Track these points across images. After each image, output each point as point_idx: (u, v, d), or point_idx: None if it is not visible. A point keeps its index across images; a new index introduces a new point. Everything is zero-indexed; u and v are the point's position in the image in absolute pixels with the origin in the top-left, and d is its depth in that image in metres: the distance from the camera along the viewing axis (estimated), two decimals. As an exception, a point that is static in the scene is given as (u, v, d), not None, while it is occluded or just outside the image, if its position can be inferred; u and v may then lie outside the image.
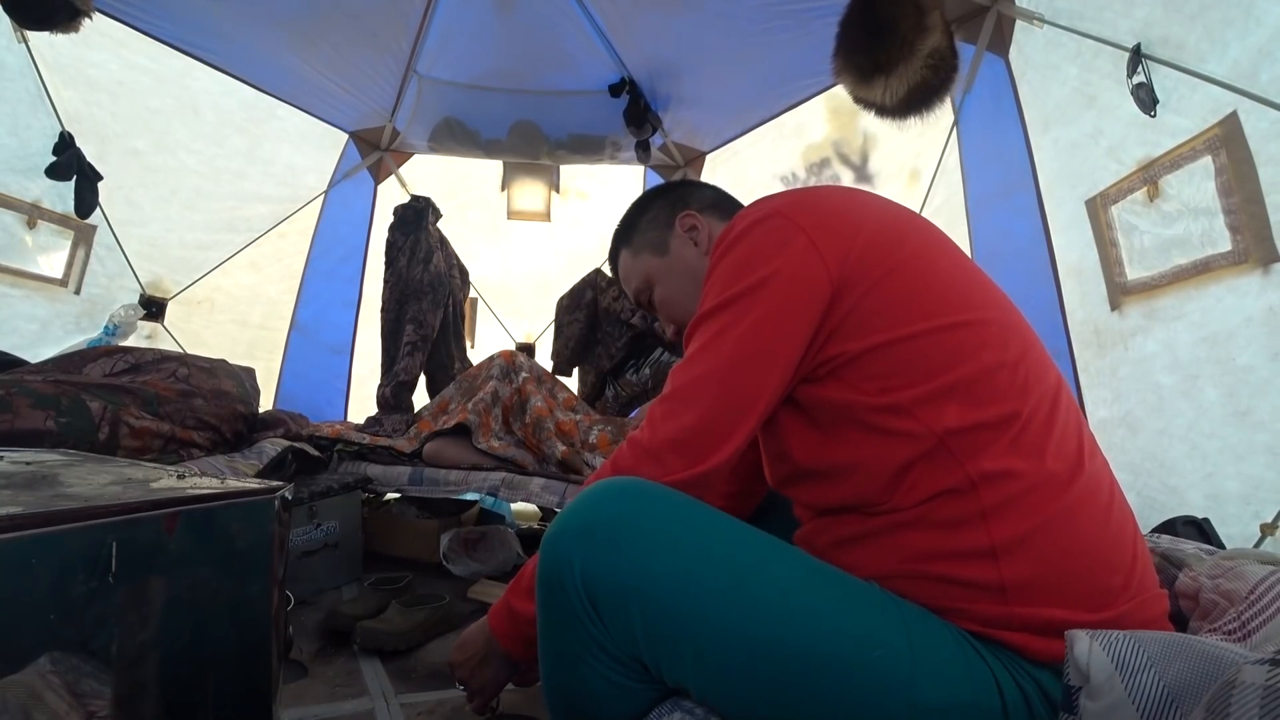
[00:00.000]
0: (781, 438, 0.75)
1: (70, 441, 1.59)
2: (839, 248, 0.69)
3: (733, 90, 2.81)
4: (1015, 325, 0.70)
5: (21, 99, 2.20)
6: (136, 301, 2.72)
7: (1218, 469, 1.38)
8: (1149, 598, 0.63)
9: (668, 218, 0.97)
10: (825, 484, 0.71)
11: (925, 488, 0.63)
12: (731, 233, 0.74)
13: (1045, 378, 0.67)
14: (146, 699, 0.60)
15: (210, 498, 0.67)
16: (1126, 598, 0.61)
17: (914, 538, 0.64)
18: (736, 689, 0.61)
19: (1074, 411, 0.68)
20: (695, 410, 0.69)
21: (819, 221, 0.71)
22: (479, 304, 3.74)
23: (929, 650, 0.59)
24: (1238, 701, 0.37)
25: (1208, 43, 1.34)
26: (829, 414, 0.70)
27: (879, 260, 0.68)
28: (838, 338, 0.68)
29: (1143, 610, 0.62)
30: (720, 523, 0.66)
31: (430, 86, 2.88)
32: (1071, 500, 0.61)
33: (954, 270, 0.72)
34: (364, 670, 1.36)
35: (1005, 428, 0.62)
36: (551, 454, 2.06)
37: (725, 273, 0.73)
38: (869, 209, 0.74)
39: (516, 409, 2.22)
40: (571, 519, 0.65)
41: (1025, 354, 0.67)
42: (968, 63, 2.05)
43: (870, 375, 0.67)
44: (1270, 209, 1.24)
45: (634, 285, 1.01)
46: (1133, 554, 0.63)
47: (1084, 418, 0.71)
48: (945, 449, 0.63)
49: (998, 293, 0.74)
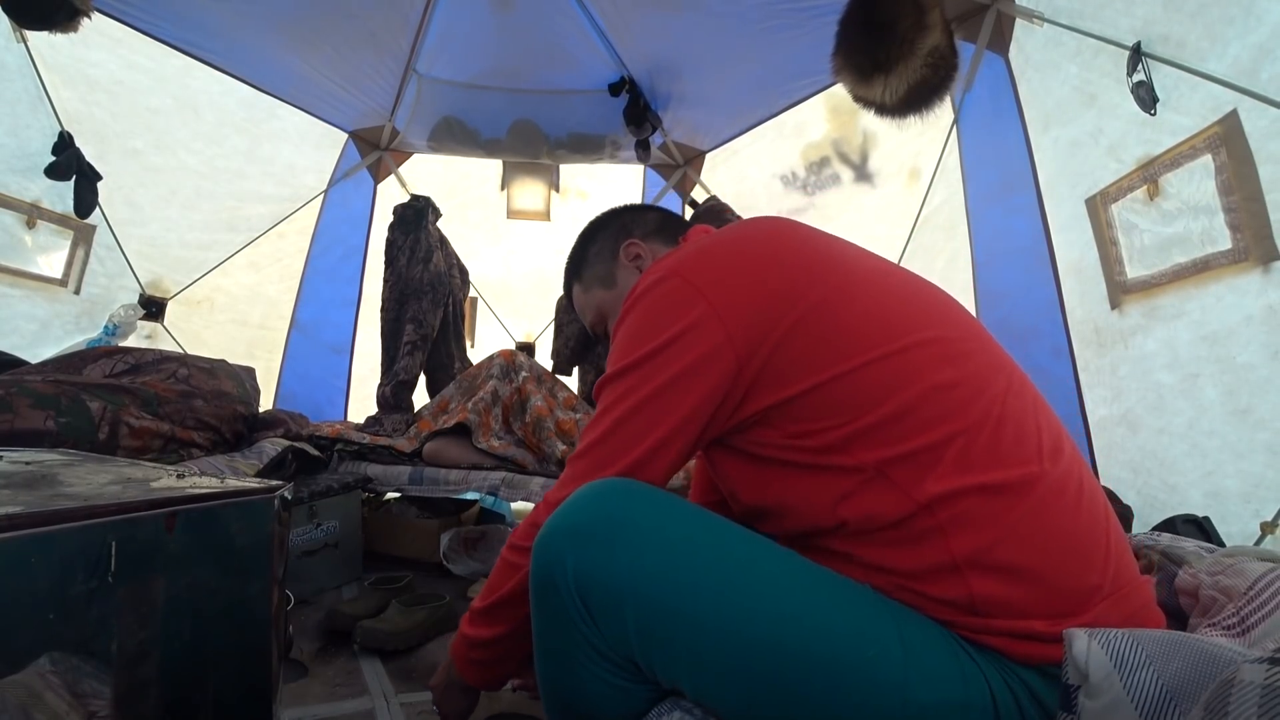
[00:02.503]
0: (728, 480, 0.77)
1: (70, 441, 1.59)
2: (738, 310, 0.68)
3: (732, 89, 2.81)
4: (955, 339, 0.69)
5: (21, 99, 2.20)
6: (136, 301, 2.72)
7: (1218, 467, 1.38)
8: (1127, 591, 0.62)
9: (612, 249, 0.98)
10: (775, 519, 0.72)
11: (872, 515, 0.64)
12: (634, 293, 0.75)
13: (991, 384, 0.66)
14: (146, 698, 0.60)
15: (210, 497, 0.67)
16: (1101, 596, 0.60)
17: (878, 555, 0.64)
18: (730, 688, 0.61)
19: (1032, 409, 0.67)
20: (592, 454, 0.72)
21: (717, 281, 0.70)
22: (479, 303, 3.74)
23: (921, 650, 0.59)
24: (1236, 700, 0.37)
25: (1208, 41, 1.34)
26: (763, 456, 0.71)
27: (783, 313, 0.67)
28: (755, 393, 0.69)
29: (1121, 605, 0.61)
30: (713, 523, 0.66)
31: (430, 86, 2.88)
32: (1033, 503, 0.61)
33: (876, 301, 0.70)
34: (364, 670, 1.36)
35: (946, 447, 0.62)
36: (551, 453, 2.05)
37: (628, 334, 0.73)
38: (773, 259, 0.72)
39: (516, 408, 2.22)
40: (563, 520, 0.65)
41: (964, 367, 0.66)
42: (967, 61, 2.05)
43: (796, 419, 0.67)
44: (1270, 207, 1.24)
45: (589, 319, 1.03)
46: (1105, 547, 0.62)
47: (1048, 409, 0.70)
48: (885, 477, 0.63)
49: (937, 308, 0.73)
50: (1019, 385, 0.69)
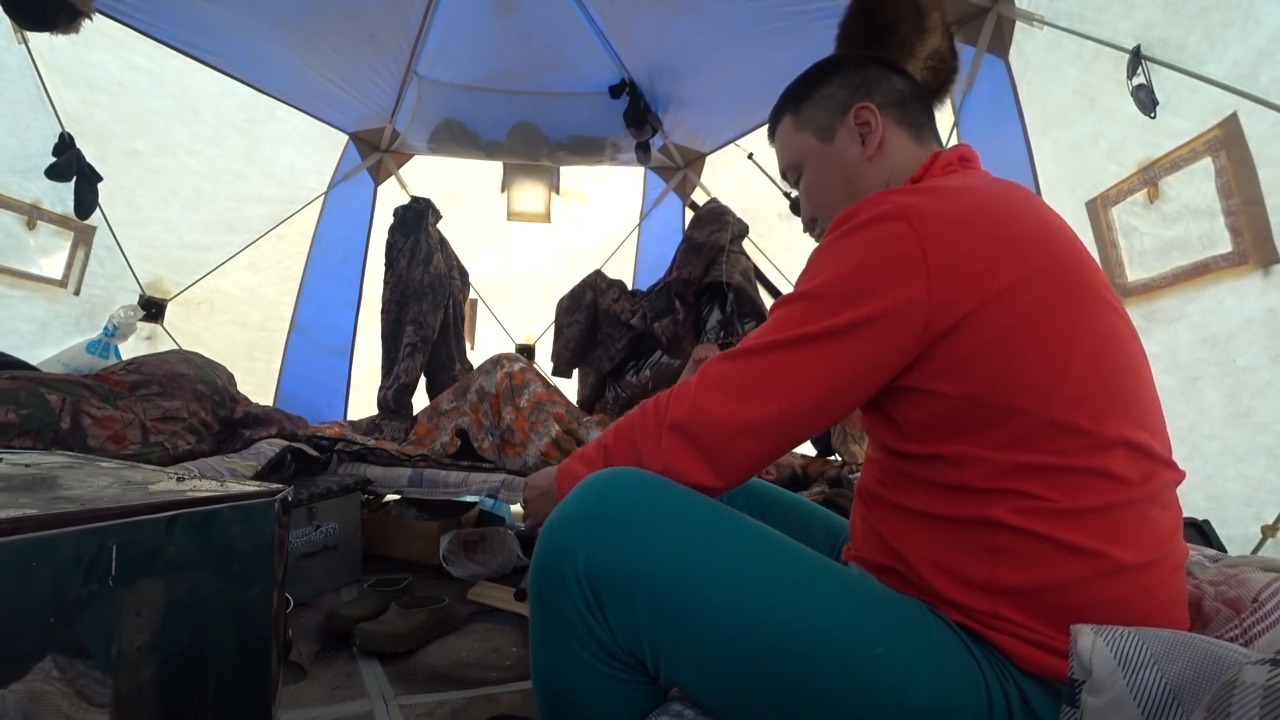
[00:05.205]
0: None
1: (33, 431, 1.61)
2: (958, 287, 0.62)
3: (733, 91, 2.81)
4: (1154, 456, 0.65)
5: (21, 100, 2.20)
6: (136, 302, 2.72)
7: (1218, 470, 1.38)
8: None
9: (844, 102, 0.85)
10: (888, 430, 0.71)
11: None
12: (852, 220, 0.67)
13: (1168, 513, 0.66)
14: (146, 702, 0.60)
15: (210, 500, 0.66)
16: None
17: (932, 501, 0.65)
18: (733, 681, 0.61)
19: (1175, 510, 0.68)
20: (749, 429, 0.66)
21: (947, 245, 0.62)
22: (479, 305, 3.75)
23: (924, 650, 0.59)
24: (1238, 701, 0.37)
25: (1208, 44, 1.34)
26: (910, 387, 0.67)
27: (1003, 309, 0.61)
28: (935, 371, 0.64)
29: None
30: (724, 515, 0.65)
31: (430, 88, 2.88)
32: (1138, 586, 0.60)
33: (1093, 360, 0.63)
34: (363, 672, 1.35)
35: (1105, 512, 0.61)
36: (544, 437, 2.08)
37: (833, 268, 0.66)
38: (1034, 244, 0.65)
39: (508, 393, 2.22)
40: (574, 507, 0.64)
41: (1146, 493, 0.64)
42: (968, 64, 2.05)
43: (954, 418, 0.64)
44: (1270, 210, 1.24)
45: (785, 159, 0.93)
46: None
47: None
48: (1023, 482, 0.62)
49: (1152, 407, 0.68)
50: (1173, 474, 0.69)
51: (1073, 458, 0.60)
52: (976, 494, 0.62)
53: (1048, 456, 0.60)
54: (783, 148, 0.94)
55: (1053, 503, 0.60)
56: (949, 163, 0.79)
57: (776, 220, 3.12)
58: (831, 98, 0.87)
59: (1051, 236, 0.67)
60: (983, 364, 0.62)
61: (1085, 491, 0.60)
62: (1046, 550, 0.60)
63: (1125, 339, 0.67)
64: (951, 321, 0.61)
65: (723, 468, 0.67)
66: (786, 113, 0.92)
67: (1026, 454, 0.61)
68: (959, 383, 0.62)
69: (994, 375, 0.61)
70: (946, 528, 0.64)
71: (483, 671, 1.40)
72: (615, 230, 3.74)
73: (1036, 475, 0.61)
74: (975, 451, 0.62)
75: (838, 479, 2.00)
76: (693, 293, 2.59)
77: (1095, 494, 0.60)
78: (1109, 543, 0.59)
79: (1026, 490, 0.60)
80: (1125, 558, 0.59)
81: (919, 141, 0.84)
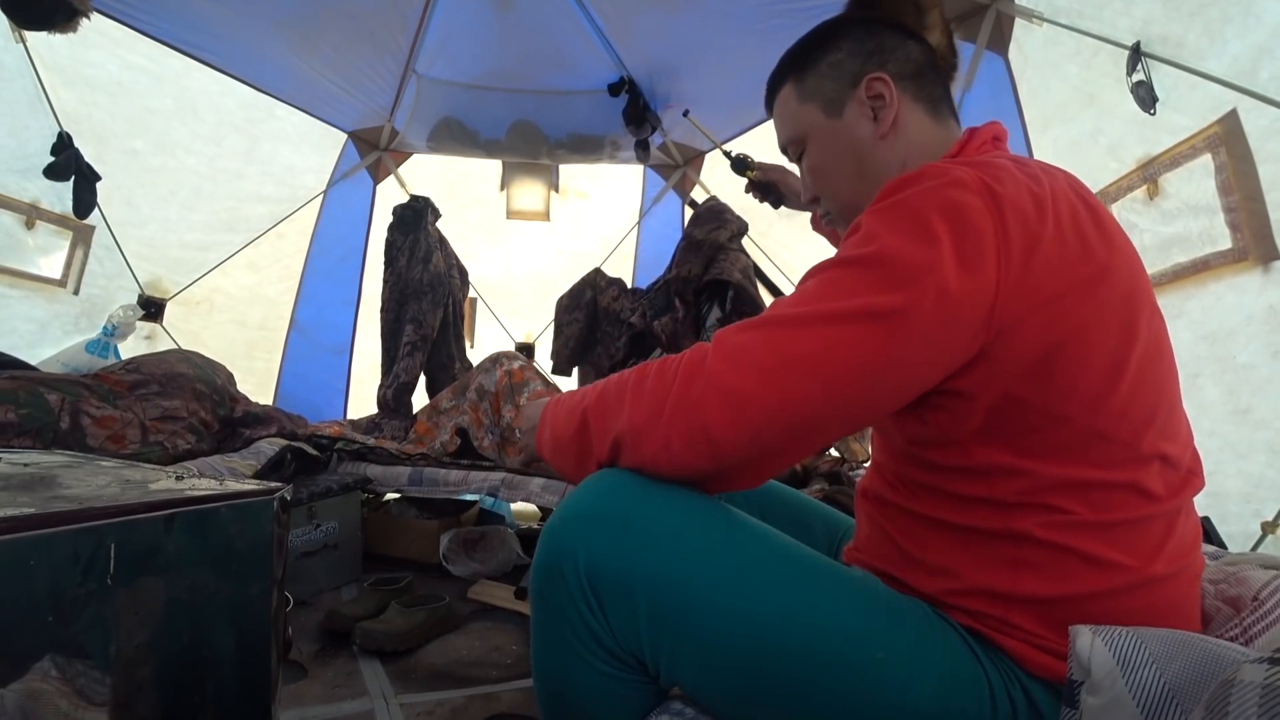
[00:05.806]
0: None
1: (33, 431, 1.61)
2: (1030, 278, 0.55)
3: (732, 89, 2.80)
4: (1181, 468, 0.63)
5: (20, 99, 2.19)
6: (135, 302, 2.72)
7: (1218, 467, 1.38)
8: None
9: (854, 72, 0.76)
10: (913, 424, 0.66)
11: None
12: (917, 184, 0.59)
13: (1189, 524, 0.64)
14: (145, 701, 0.60)
15: (209, 499, 0.66)
16: None
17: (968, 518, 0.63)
18: (733, 681, 0.60)
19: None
20: (765, 417, 0.57)
21: (1023, 229, 0.56)
22: (478, 304, 3.74)
23: (929, 653, 0.59)
24: (1236, 700, 0.37)
25: (1207, 40, 1.34)
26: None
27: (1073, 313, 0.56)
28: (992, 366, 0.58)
29: None
30: (726, 515, 0.65)
31: (429, 86, 2.88)
32: (1151, 600, 0.60)
33: (1159, 378, 0.62)
34: (363, 671, 1.36)
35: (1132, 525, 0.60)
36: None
37: (892, 236, 0.57)
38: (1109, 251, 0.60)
39: (507, 391, 2.22)
40: (576, 507, 0.64)
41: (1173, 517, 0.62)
42: (967, 61, 2.04)
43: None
44: (1270, 207, 1.24)
45: (786, 133, 0.83)
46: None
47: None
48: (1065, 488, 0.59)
49: (1181, 424, 0.66)
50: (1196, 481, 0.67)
51: (1110, 471, 0.58)
52: (1004, 508, 0.61)
53: (1086, 470, 0.58)
54: (783, 120, 0.83)
55: (1083, 517, 0.58)
56: (984, 142, 0.72)
57: (776, 218, 3.11)
58: (840, 66, 0.77)
59: (1116, 232, 0.63)
60: (1042, 365, 0.56)
61: (1118, 506, 0.59)
62: (1074, 564, 0.58)
63: (1169, 347, 0.65)
64: (1017, 314, 0.55)
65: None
66: (788, 80, 0.82)
67: (1063, 466, 0.58)
68: (1010, 384, 0.57)
69: (1049, 377, 0.57)
70: (966, 537, 0.63)
71: (483, 670, 1.40)
72: (614, 228, 3.74)
73: (1071, 491, 0.58)
74: (1006, 461, 0.59)
75: (836, 475, 2.00)
76: (692, 291, 2.58)
77: (1127, 509, 0.59)
78: (1138, 556, 0.58)
79: (1058, 505, 0.59)
80: (1152, 570, 0.59)
81: (935, 118, 0.76)
